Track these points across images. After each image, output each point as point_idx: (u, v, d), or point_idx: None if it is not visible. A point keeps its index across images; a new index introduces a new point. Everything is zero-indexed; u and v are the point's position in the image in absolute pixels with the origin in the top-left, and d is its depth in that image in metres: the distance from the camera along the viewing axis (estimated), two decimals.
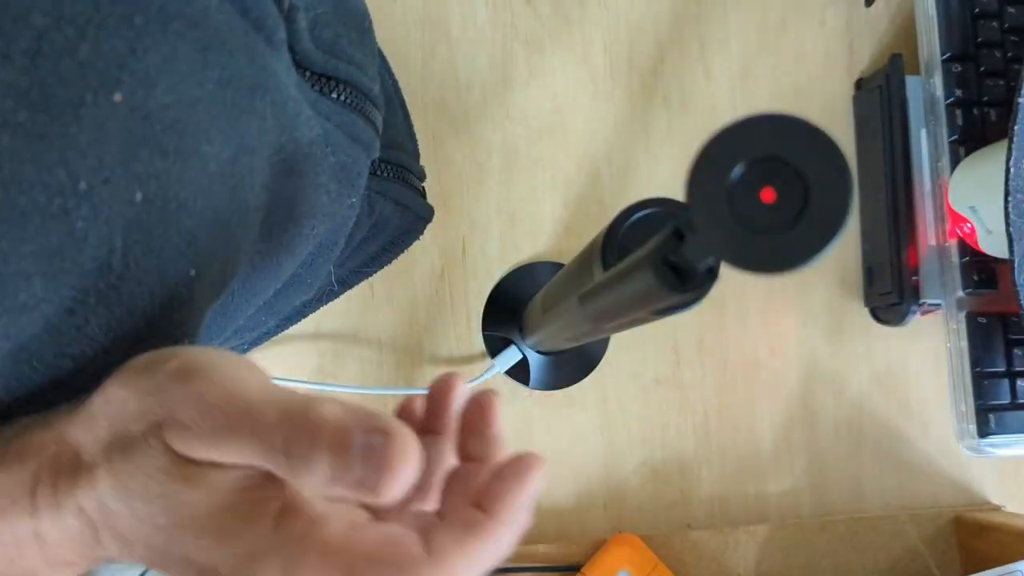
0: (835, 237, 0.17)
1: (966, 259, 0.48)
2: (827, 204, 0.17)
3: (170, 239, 0.20)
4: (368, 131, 0.31)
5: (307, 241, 0.31)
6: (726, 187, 0.18)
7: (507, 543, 0.21)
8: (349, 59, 0.29)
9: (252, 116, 0.22)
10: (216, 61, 0.20)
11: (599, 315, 0.30)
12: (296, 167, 0.26)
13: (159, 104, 0.18)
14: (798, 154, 0.18)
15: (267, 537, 0.18)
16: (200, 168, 0.20)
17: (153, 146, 0.18)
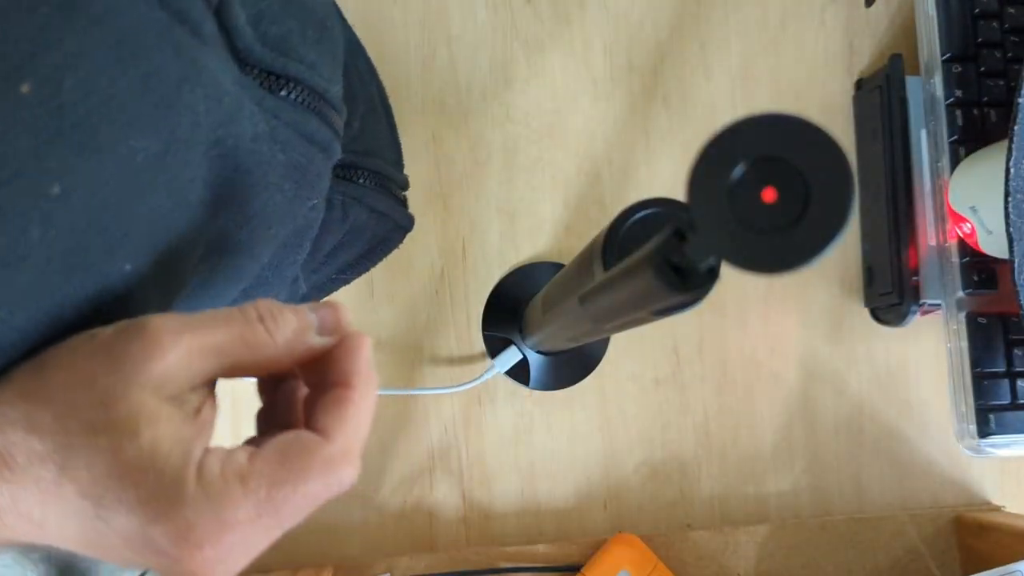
0: (836, 237, 0.17)
1: (966, 259, 0.48)
2: (828, 204, 0.17)
3: (97, 233, 0.20)
4: (324, 132, 0.31)
5: (266, 242, 0.30)
6: (727, 187, 0.18)
7: (372, 401, 0.24)
8: (300, 58, 0.29)
9: (182, 110, 0.22)
10: (133, 55, 0.20)
11: (599, 315, 0.30)
12: (241, 163, 0.26)
13: (71, 97, 0.18)
14: (799, 154, 0.18)
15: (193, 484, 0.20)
16: (124, 162, 0.20)
17: (68, 139, 0.18)
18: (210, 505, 0.20)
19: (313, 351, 0.24)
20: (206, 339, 0.21)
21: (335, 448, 0.22)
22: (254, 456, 0.21)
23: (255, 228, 0.29)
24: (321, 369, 0.24)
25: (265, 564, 0.49)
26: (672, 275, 0.22)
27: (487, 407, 0.51)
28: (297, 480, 0.21)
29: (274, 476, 0.21)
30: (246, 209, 0.28)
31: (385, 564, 0.48)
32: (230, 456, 0.21)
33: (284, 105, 0.28)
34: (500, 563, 0.48)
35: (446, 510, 0.50)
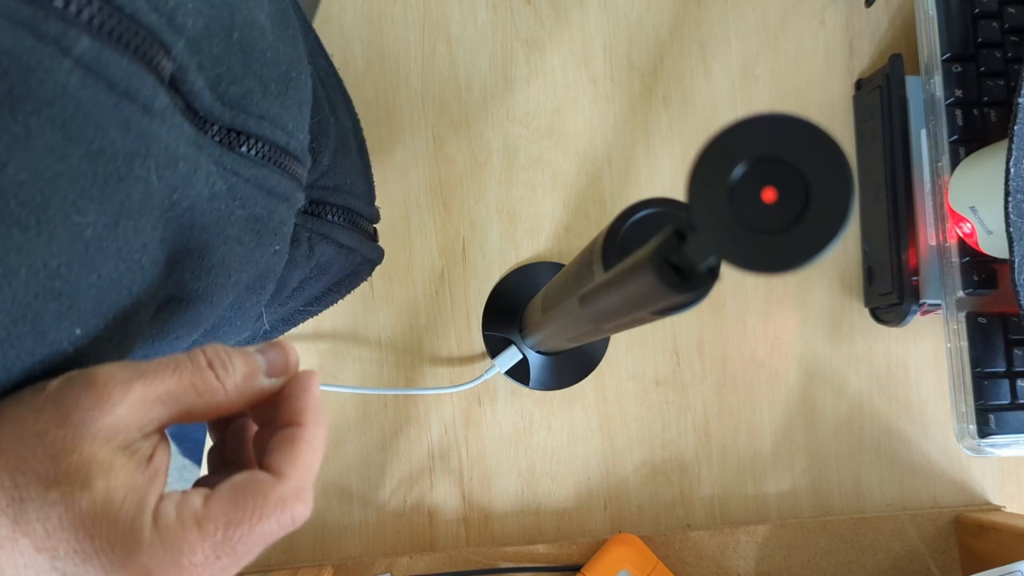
0: (836, 237, 0.17)
1: (966, 259, 0.48)
2: (828, 204, 0.17)
3: (45, 303, 0.20)
4: (285, 183, 0.31)
5: (226, 289, 0.30)
6: (727, 187, 0.18)
7: (323, 438, 0.24)
8: (262, 113, 0.29)
9: (133, 182, 0.22)
10: (81, 136, 0.20)
11: (599, 315, 0.30)
12: (196, 221, 0.26)
13: (12, 181, 0.18)
14: (799, 154, 0.18)
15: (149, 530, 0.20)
16: (73, 237, 0.20)
17: (9, 221, 0.18)
18: (167, 550, 0.20)
19: (263, 393, 0.24)
20: (156, 388, 0.22)
21: (288, 487, 0.22)
22: (209, 498, 0.21)
23: (214, 278, 0.29)
24: (271, 408, 0.25)
25: (265, 564, 0.49)
26: (672, 275, 0.22)
27: (487, 407, 0.51)
28: (252, 520, 0.21)
29: (229, 517, 0.21)
30: (204, 263, 0.28)
31: (385, 564, 0.48)
32: (185, 500, 0.21)
33: (244, 161, 0.28)
34: (500, 563, 0.48)
35: (446, 510, 0.50)
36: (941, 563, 0.50)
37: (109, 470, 0.20)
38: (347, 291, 0.45)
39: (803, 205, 0.18)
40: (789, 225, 0.18)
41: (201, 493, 0.21)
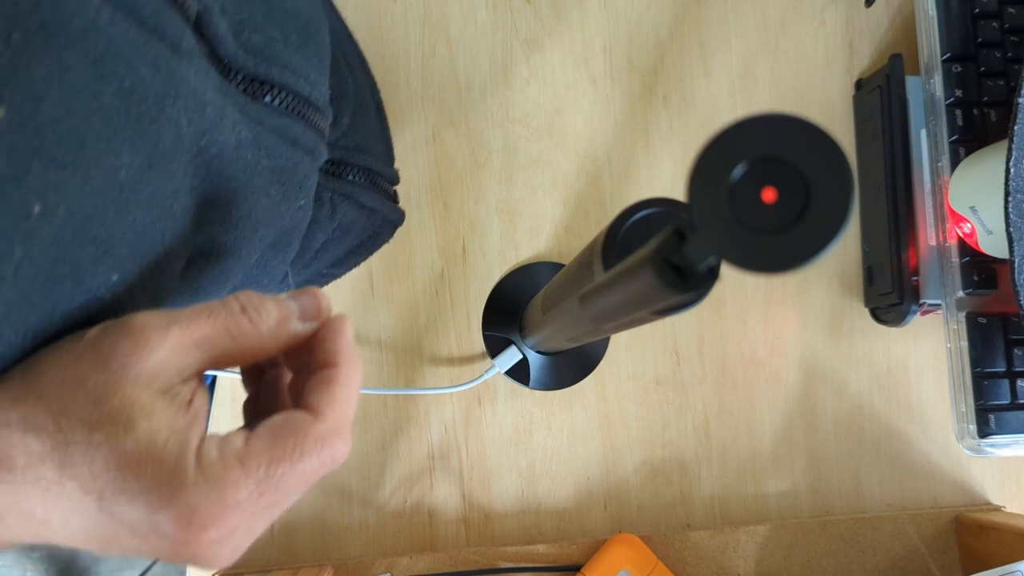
0: (836, 237, 0.17)
1: (966, 259, 0.48)
2: (828, 204, 0.17)
3: (83, 247, 0.20)
4: (309, 135, 0.31)
5: (253, 244, 0.31)
6: (727, 187, 0.18)
7: (359, 379, 0.25)
8: (285, 63, 0.29)
9: (164, 123, 0.22)
10: (113, 73, 0.20)
11: (599, 315, 0.30)
12: (224, 170, 0.26)
13: (49, 118, 0.18)
14: (799, 154, 0.18)
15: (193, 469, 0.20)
16: (108, 178, 0.20)
17: (47, 159, 0.18)
18: (211, 488, 0.20)
19: (297, 337, 0.25)
20: (192, 333, 0.22)
21: (327, 425, 0.22)
22: (249, 438, 0.22)
23: (241, 232, 0.29)
24: (305, 354, 0.25)
25: (265, 564, 0.49)
26: (672, 275, 0.22)
27: (487, 407, 0.51)
28: (294, 457, 0.22)
29: (271, 455, 0.21)
30: (232, 214, 0.28)
31: (385, 564, 0.48)
32: (226, 440, 0.21)
33: (268, 111, 0.29)
34: (500, 563, 0.48)
35: (446, 510, 0.50)
36: (941, 563, 0.50)
37: (151, 413, 0.20)
38: (368, 253, 0.45)
39: (803, 205, 0.18)
40: (789, 225, 0.18)
41: (242, 434, 0.22)
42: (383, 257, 0.52)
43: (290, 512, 0.49)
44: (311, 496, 0.50)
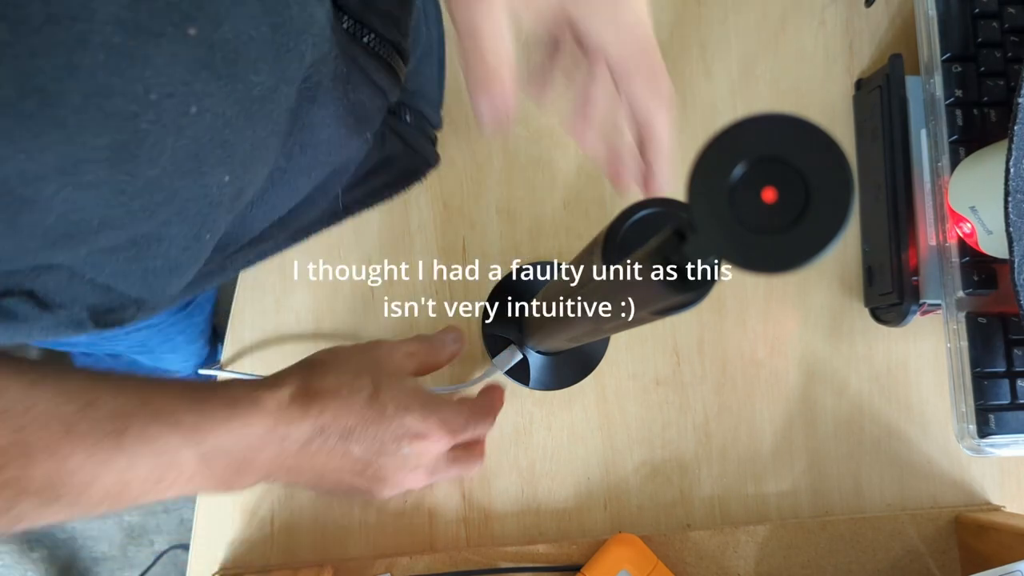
0: (836, 237, 0.17)
1: (966, 259, 0.48)
2: (828, 204, 0.17)
3: (213, 148, 0.25)
4: (388, 79, 0.36)
5: (323, 167, 0.36)
6: (727, 187, 0.18)
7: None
8: (383, 14, 0.34)
9: (294, 54, 0.27)
10: (273, 8, 0.25)
11: (596, 320, 0.30)
12: (319, 97, 0.31)
13: (222, 38, 0.23)
14: (799, 154, 0.18)
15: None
16: (245, 91, 0.25)
17: (211, 70, 0.23)
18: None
19: (454, 356, 0.44)
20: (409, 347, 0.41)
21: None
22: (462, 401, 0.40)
23: (317, 154, 0.34)
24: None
25: (265, 564, 0.49)
26: (672, 275, 0.22)
27: None
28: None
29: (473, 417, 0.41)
30: (313, 137, 0.33)
31: (385, 564, 0.48)
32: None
33: (362, 51, 0.33)
34: (500, 563, 0.48)
35: (446, 510, 0.50)
36: (941, 563, 0.50)
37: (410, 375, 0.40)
38: (404, 188, 0.48)
39: (803, 205, 0.18)
40: (789, 225, 0.18)
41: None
42: (383, 257, 0.52)
43: (290, 512, 0.49)
44: (311, 496, 0.50)
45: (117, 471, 0.29)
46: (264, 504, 0.49)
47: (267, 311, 0.51)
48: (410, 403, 0.37)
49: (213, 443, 0.31)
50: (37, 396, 0.27)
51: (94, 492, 0.28)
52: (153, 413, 0.30)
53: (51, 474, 0.27)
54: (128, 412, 0.29)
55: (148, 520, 1.24)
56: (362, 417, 0.36)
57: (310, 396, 0.35)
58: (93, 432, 0.28)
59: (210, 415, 0.31)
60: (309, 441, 0.34)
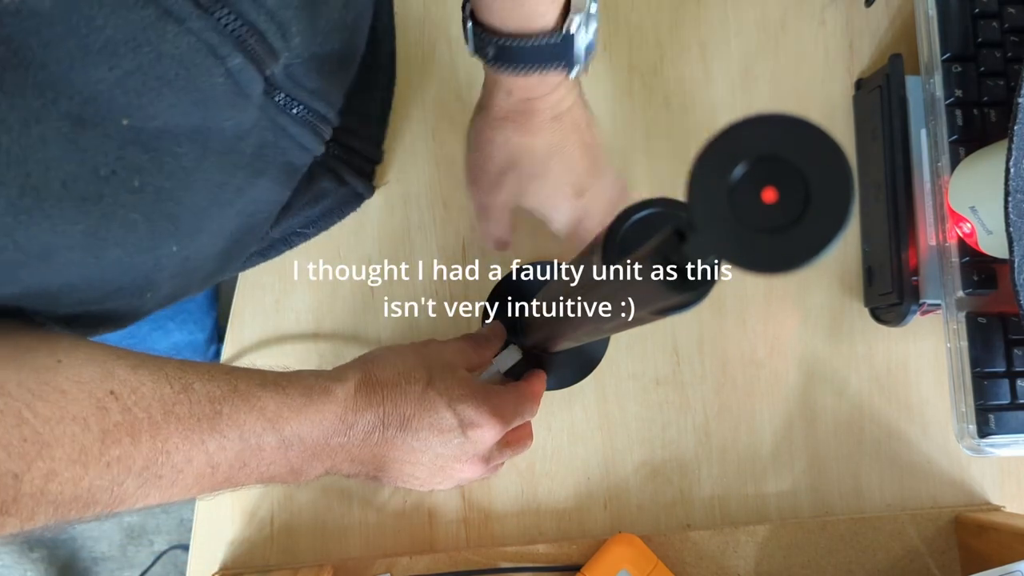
0: (836, 237, 0.17)
1: (966, 259, 0.48)
2: (828, 204, 0.17)
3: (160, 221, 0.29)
4: (314, 141, 0.39)
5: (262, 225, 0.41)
6: (727, 187, 0.18)
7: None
8: (311, 91, 0.36)
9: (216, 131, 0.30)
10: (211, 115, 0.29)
11: (596, 320, 0.30)
12: (252, 164, 0.34)
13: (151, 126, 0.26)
14: (800, 154, 0.18)
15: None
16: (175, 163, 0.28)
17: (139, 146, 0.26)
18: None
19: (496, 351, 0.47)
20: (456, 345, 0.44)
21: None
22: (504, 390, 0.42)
23: (258, 213, 0.39)
24: None
25: (265, 564, 0.49)
26: (672, 275, 0.22)
27: None
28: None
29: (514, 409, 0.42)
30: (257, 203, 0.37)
31: (385, 564, 0.48)
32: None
33: (290, 120, 0.36)
34: (500, 563, 0.48)
35: (446, 510, 0.50)
36: (941, 563, 0.50)
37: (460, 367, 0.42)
38: (338, 219, 0.51)
39: (803, 205, 0.18)
40: (789, 225, 0.18)
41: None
42: (383, 257, 0.52)
43: (290, 512, 0.49)
44: (311, 496, 0.50)
45: (208, 453, 0.31)
46: (264, 504, 0.49)
47: (267, 311, 0.51)
48: (463, 393, 0.39)
49: (291, 430, 0.33)
50: (141, 379, 0.29)
51: (188, 474, 0.30)
52: (242, 398, 0.32)
53: (153, 454, 0.29)
54: (220, 397, 0.31)
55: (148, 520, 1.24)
56: (419, 406, 0.38)
57: (372, 387, 0.37)
58: (191, 415, 0.30)
59: (290, 402, 0.34)
60: (372, 430, 0.36)
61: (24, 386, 0.26)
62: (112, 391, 0.28)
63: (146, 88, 0.25)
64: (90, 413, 0.27)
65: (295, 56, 0.33)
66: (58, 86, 0.23)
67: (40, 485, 0.26)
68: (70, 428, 0.26)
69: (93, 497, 0.27)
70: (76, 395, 0.27)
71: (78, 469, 0.26)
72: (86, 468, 0.27)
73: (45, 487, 0.26)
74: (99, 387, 0.28)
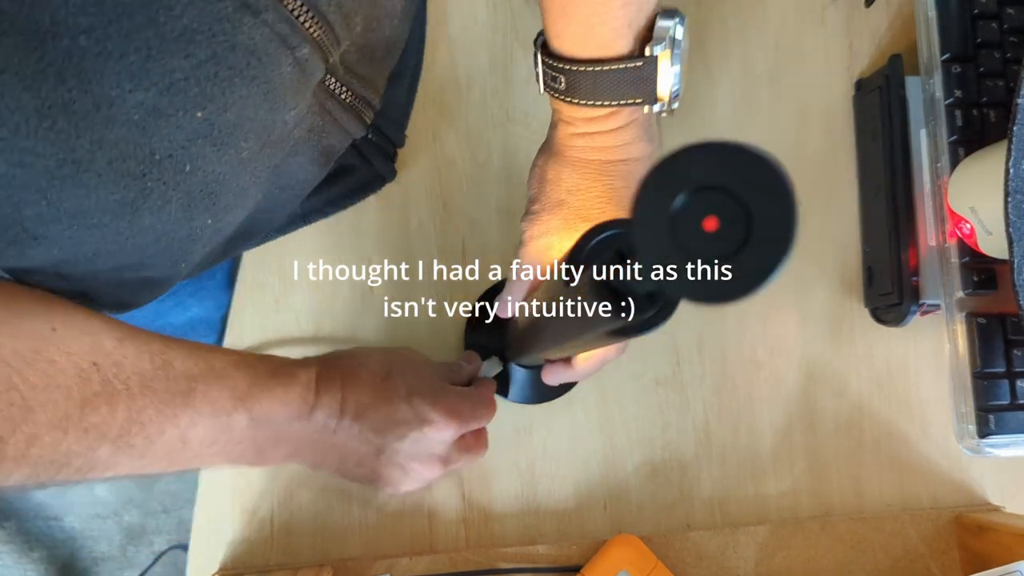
0: (776, 269, 0.16)
1: (966, 259, 0.48)
2: (769, 235, 0.17)
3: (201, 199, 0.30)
4: (357, 125, 0.40)
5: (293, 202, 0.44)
6: (669, 215, 0.18)
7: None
8: (362, 77, 0.37)
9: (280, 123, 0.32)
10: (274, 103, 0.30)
11: (557, 337, 0.30)
12: (297, 149, 0.36)
13: (224, 120, 0.28)
14: (742, 183, 0.17)
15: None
16: (235, 155, 0.30)
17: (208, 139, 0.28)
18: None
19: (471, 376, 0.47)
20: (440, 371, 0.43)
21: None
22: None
23: (293, 191, 0.41)
24: None
25: (265, 564, 0.49)
26: (612, 299, 0.22)
27: None
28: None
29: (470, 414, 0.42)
30: (291, 180, 0.39)
31: (385, 564, 0.48)
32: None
33: (338, 106, 0.37)
34: (500, 564, 0.48)
35: (446, 511, 0.50)
36: (941, 563, 0.50)
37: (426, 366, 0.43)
38: (358, 199, 0.51)
39: (745, 234, 0.17)
40: (730, 254, 0.17)
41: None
42: (383, 257, 0.52)
43: (290, 512, 0.49)
44: (311, 496, 0.50)
45: (180, 428, 0.32)
46: (264, 504, 0.49)
47: (267, 311, 0.51)
48: (421, 388, 0.40)
49: (260, 410, 0.35)
50: (125, 352, 0.31)
51: (159, 445, 0.31)
52: (216, 377, 0.33)
53: (128, 423, 0.30)
54: (197, 375, 0.33)
55: (148, 520, 1.24)
56: (376, 396, 0.39)
57: (332, 373, 0.38)
58: (167, 390, 0.31)
59: (259, 382, 0.35)
60: (330, 416, 0.37)
61: (19, 355, 0.27)
62: (95, 362, 0.29)
63: (219, 78, 0.26)
64: (74, 382, 0.28)
65: (352, 44, 0.33)
66: (136, 76, 0.24)
67: (23, 449, 0.27)
68: (54, 395, 0.28)
69: (68, 461, 0.29)
70: (64, 365, 0.28)
71: (58, 434, 0.28)
72: (66, 433, 0.28)
73: (27, 451, 0.27)
74: (84, 358, 0.29)
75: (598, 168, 0.39)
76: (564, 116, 0.38)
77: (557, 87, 0.37)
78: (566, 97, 0.37)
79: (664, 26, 0.35)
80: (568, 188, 0.39)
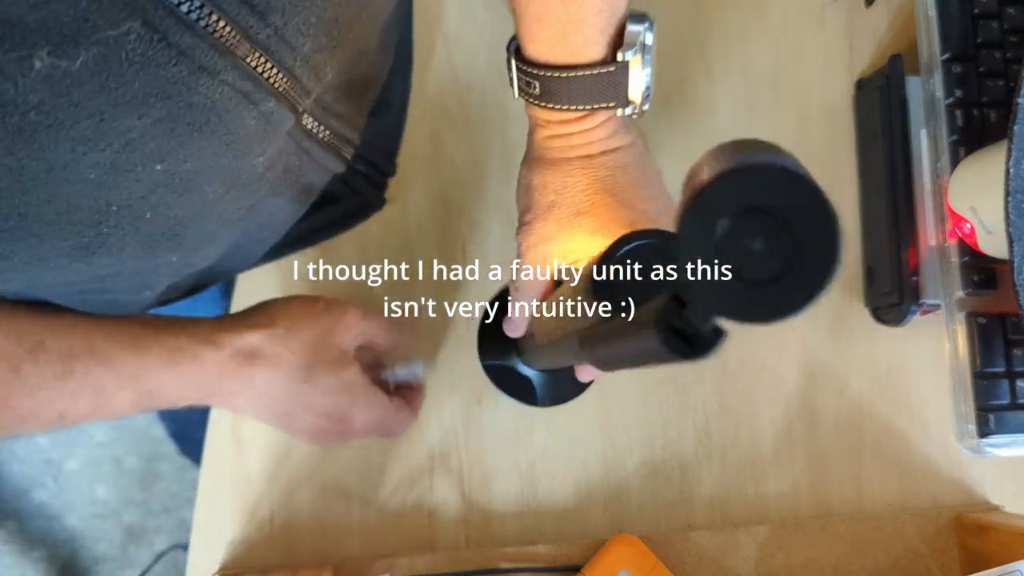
0: (828, 280, 0.17)
1: (966, 259, 0.48)
2: (817, 250, 0.17)
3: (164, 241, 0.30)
4: (338, 163, 0.40)
5: (272, 239, 0.43)
6: (714, 243, 0.18)
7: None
8: (339, 115, 0.37)
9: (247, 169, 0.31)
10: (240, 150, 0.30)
11: (602, 360, 0.30)
12: (276, 189, 0.36)
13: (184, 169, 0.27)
14: (783, 203, 0.17)
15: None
16: (200, 199, 0.30)
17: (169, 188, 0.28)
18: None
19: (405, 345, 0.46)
20: (364, 327, 0.41)
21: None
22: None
23: (273, 229, 0.41)
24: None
25: (265, 564, 0.49)
26: (678, 340, 0.22)
27: (487, 407, 0.51)
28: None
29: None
30: (270, 218, 0.39)
31: (385, 564, 0.48)
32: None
33: (316, 145, 0.37)
34: (500, 564, 0.48)
35: (446, 510, 0.50)
36: (941, 563, 0.50)
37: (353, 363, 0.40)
38: (348, 228, 0.52)
39: (792, 251, 0.17)
40: (782, 273, 0.17)
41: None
42: (383, 257, 0.52)
43: (290, 512, 0.49)
44: (311, 496, 0.50)
45: (57, 410, 0.32)
46: (264, 504, 0.49)
47: None
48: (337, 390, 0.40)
49: (149, 387, 0.35)
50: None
51: (31, 424, 0.32)
52: (97, 357, 0.33)
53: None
54: (75, 355, 0.32)
55: (148, 520, 1.24)
56: (287, 390, 0.38)
57: (246, 359, 0.37)
58: (39, 373, 0.31)
59: (150, 363, 0.34)
60: (240, 396, 0.38)
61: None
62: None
63: (176, 133, 0.26)
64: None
65: (327, 88, 0.33)
66: (91, 139, 0.24)
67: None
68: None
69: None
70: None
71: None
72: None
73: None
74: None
75: (580, 164, 0.39)
76: (540, 120, 0.38)
77: (532, 92, 0.37)
78: (541, 102, 0.37)
79: (634, 31, 0.36)
80: (555, 189, 0.39)
